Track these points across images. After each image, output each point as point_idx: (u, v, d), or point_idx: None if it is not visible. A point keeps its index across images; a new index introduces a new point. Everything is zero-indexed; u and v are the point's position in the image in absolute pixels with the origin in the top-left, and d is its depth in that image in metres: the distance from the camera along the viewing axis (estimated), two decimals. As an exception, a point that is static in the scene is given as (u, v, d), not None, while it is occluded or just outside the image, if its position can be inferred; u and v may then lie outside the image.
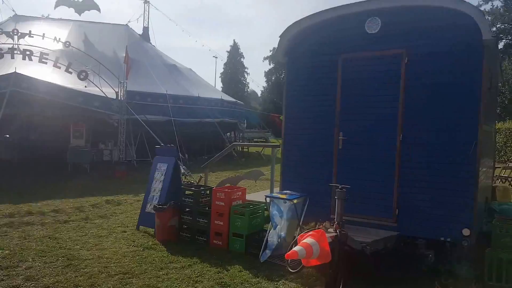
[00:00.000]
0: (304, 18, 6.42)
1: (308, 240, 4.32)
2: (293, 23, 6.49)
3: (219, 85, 62.69)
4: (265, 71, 70.70)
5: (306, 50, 6.53)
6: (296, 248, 4.18)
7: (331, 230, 4.91)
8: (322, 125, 6.33)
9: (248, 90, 71.77)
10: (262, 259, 5.78)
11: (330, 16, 6.24)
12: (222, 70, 66.83)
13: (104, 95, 15.29)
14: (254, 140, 33.82)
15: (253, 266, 5.57)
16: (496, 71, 7.20)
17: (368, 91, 5.96)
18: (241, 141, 26.47)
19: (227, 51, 67.63)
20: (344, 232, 4.82)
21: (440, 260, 5.62)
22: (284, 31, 6.50)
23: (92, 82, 15.40)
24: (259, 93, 75.67)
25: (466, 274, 5.45)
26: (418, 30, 5.62)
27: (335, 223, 4.91)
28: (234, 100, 23.88)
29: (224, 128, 21.15)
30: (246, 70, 68.72)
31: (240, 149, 24.67)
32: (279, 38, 6.55)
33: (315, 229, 4.62)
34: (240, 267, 5.53)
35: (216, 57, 53.43)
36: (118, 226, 7.43)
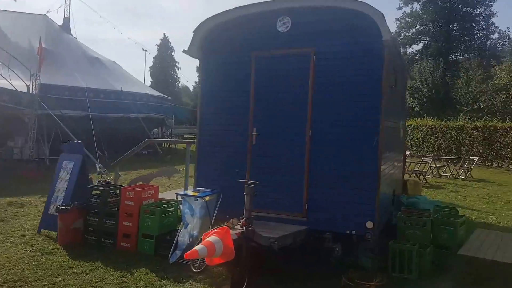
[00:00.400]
0: (218, 14, 6.31)
1: (211, 238, 4.22)
2: (207, 19, 6.36)
3: (148, 80, 60.76)
4: (197, 66, 69.37)
5: (220, 46, 6.43)
6: (196, 247, 4.06)
7: (238, 226, 4.86)
8: (237, 121, 6.27)
9: (179, 85, 70.29)
10: (172, 260, 5.59)
11: (243, 13, 6.19)
12: (151, 64, 64.65)
13: (14, 89, 14.12)
14: (185, 136, 33.20)
15: (161, 268, 5.37)
16: (401, 70, 7.57)
17: (280, 88, 5.99)
18: (170, 137, 25.85)
19: (157, 45, 65.60)
20: (251, 228, 4.78)
21: (348, 253, 5.79)
22: (198, 26, 6.35)
23: (1, 75, 14.17)
24: (191, 88, 74.49)
25: (372, 266, 5.65)
26: (325, 30, 5.75)
27: (243, 220, 4.85)
28: (161, 94, 23.16)
29: (150, 124, 20.47)
30: (177, 64, 66.93)
31: (168, 146, 24.08)
32: (193, 33, 6.38)
33: (220, 227, 4.52)
34: (147, 269, 5.31)
35: (145, 51, 51.54)
36: (17, 230, 6.83)
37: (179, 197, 5.85)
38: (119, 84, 19.10)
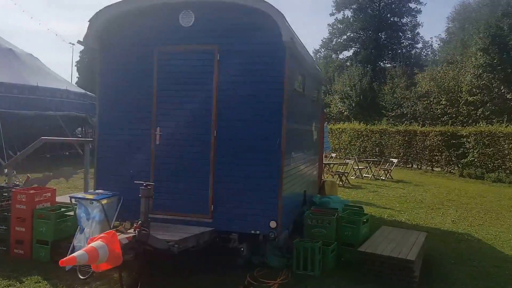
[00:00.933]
0: (118, 2, 5.86)
1: (95, 243, 3.97)
2: (105, 8, 5.90)
3: (75, 76, 57.29)
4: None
5: (121, 39, 6.08)
6: (75, 254, 3.80)
7: (131, 230, 4.63)
8: (139, 119, 5.98)
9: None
10: (68, 267, 5.24)
11: (146, 4, 5.86)
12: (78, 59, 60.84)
13: None
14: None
15: (55, 276, 5.06)
16: (311, 73, 7.67)
17: (184, 86, 5.80)
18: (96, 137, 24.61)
19: (84, 38, 61.78)
20: (145, 232, 4.56)
21: (256, 253, 5.78)
22: (94, 15, 5.88)
23: None
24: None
25: (279, 265, 5.69)
26: (228, 27, 5.65)
27: (137, 223, 4.63)
28: (83, 91, 21.87)
29: (70, 122, 19.29)
30: (106, 59, 63.49)
31: (92, 146, 22.85)
32: (89, 22, 5.91)
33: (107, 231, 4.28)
34: (39, 277, 5.00)
35: (73, 44, 48.31)
36: None
37: (73, 200, 5.50)
38: (35, 79, 17.77)
